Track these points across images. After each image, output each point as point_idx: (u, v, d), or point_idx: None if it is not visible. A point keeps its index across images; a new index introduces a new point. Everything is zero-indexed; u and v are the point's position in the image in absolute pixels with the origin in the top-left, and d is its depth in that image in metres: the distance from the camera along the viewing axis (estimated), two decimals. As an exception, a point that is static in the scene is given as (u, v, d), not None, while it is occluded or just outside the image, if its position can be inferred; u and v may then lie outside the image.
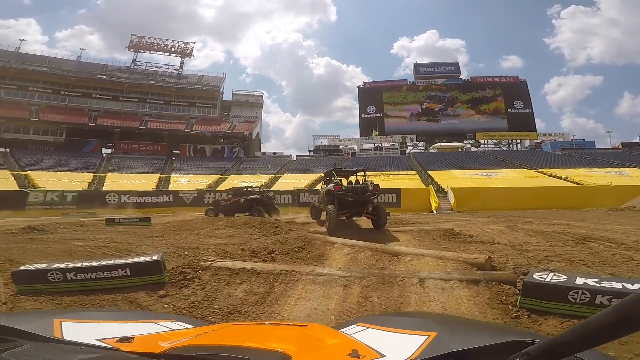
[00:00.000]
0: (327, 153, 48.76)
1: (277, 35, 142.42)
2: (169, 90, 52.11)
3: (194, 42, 60.01)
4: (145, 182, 29.24)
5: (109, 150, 45.95)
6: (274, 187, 26.84)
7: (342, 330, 1.19)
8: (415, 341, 0.89)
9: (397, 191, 21.50)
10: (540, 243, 6.82)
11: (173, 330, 1.27)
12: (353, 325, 1.21)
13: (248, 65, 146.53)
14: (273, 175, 32.06)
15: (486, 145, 51.37)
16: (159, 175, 34.09)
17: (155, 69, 55.93)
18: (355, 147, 51.40)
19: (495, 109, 52.90)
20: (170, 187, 28.58)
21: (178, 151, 47.36)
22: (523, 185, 22.10)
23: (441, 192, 22.31)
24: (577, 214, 16.14)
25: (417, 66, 58.01)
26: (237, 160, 43.64)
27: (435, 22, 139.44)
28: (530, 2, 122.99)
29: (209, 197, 24.33)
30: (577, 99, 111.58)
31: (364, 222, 9.91)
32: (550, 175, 26.72)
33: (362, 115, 55.02)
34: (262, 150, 53.32)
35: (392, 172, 31.29)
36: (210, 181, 30.36)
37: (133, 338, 0.99)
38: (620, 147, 43.37)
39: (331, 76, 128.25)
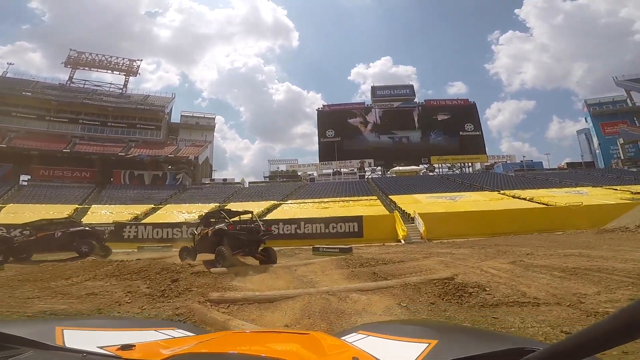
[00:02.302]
0: (284, 179, 45.11)
1: (236, 59, 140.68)
2: (106, 109, 46.60)
3: (141, 60, 54.60)
4: (57, 213, 23.36)
5: (28, 177, 39.12)
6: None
7: (344, 338, 1.17)
8: (416, 349, 0.87)
9: (358, 219, 18.19)
10: (600, 293, 4.65)
11: (174, 338, 1.24)
12: (354, 333, 1.19)
13: (204, 89, 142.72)
14: (217, 204, 27.49)
15: (440, 169, 50.92)
16: (76, 205, 28.12)
17: (95, 87, 50.51)
18: (315, 173, 48.40)
19: (448, 131, 53.43)
20: (85, 220, 22.93)
21: (112, 178, 41.36)
22: (494, 208, 19.87)
23: (407, 218, 19.33)
24: (568, 237, 13.94)
25: (374, 89, 58.56)
26: (180, 188, 38.37)
27: (390, 49, 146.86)
28: (473, 29, 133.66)
29: (129, 231, 19.44)
30: (513, 123, 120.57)
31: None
32: (514, 197, 25.06)
33: (322, 140, 53.71)
34: (216, 177, 48.67)
35: (351, 198, 28.22)
36: (140, 212, 25.15)
37: (134, 346, 0.96)
38: (566, 167, 44.33)
39: (291, 102, 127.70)
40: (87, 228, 13.22)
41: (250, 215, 10.15)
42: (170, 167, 44.48)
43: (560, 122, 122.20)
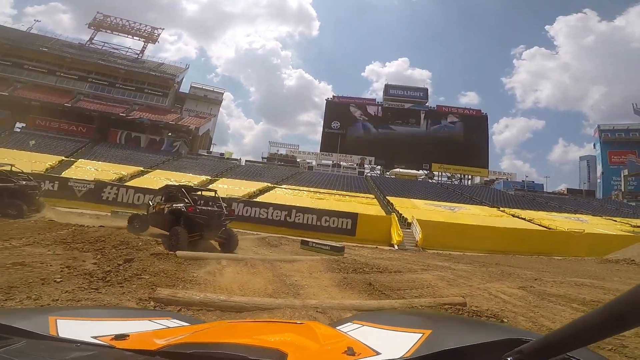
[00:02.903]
0: (282, 163, 43.81)
1: (255, 40, 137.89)
2: (117, 71, 45.10)
3: (162, 29, 53.45)
4: (39, 163, 21.98)
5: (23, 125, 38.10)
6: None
7: (338, 327, 1.17)
8: (410, 339, 0.87)
9: (352, 216, 17.09)
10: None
11: (169, 327, 1.22)
12: (349, 323, 1.19)
13: (219, 65, 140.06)
14: (209, 178, 26.24)
15: (440, 177, 49.80)
16: (62, 157, 26.69)
17: (112, 50, 49.33)
18: (314, 162, 47.16)
19: (453, 139, 52.08)
20: (67, 174, 21.56)
21: (108, 137, 39.68)
22: (494, 224, 18.88)
23: (403, 222, 18.26)
24: (570, 264, 13.19)
25: (387, 87, 56.90)
26: (175, 156, 36.98)
27: (408, 50, 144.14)
28: (498, 40, 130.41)
29: (109, 192, 18.19)
30: (518, 141, 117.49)
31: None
32: (513, 216, 24.12)
33: (326, 130, 52.64)
34: (215, 151, 47.13)
35: (348, 193, 27.08)
36: (126, 173, 23.81)
37: (128, 335, 0.95)
38: (566, 192, 43.49)
39: (302, 89, 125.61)
40: (17, 184, 10.68)
41: (214, 194, 9.57)
42: (170, 134, 43.21)
43: (565, 146, 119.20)
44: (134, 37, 50.38)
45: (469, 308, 5.12)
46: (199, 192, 10.05)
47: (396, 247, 15.19)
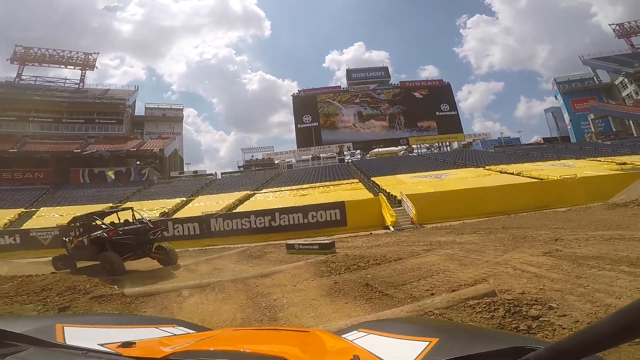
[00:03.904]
0: (260, 168, 42.06)
1: (205, 50, 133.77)
2: (59, 105, 41.87)
3: (97, 53, 50.13)
4: (-3, 220, 19.81)
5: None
6: (179, 214, 19.35)
7: (344, 336, 1.14)
8: (416, 347, 0.85)
9: (340, 205, 15.71)
10: None
11: (174, 335, 1.21)
12: (355, 331, 1.16)
13: (173, 82, 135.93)
14: (184, 199, 24.34)
15: (419, 150, 49.35)
16: (22, 209, 24.26)
17: (48, 84, 45.59)
18: (293, 160, 45.62)
19: (424, 112, 52.00)
20: (29, 225, 19.50)
21: (70, 178, 36.92)
22: (485, 184, 17.87)
23: (392, 201, 17.05)
24: (579, 214, 12.16)
25: (349, 72, 56.67)
26: (146, 184, 34.67)
27: (362, 35, 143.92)
28: (442, 13, 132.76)
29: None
30: (484, 104, 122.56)
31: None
32: (501, 172, 23.32)
33: (299, 126, 51.47)
34: (190, 170, 44.77)
35: (332, 182, 25.70)
36: None
37: (135, 343, 0.94)
38: (543, 142, 43.51)
39: (266, 91, 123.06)
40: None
41: (131, 211, 9.07)
42: (138, 162, 40.80)
43: (527, 102, 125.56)
44: (68, 67, 47.09)
45: (501, 297, 3.85)
46: (114, 214, 9.49)
47: (392, 228, 13.94)
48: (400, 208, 15.75)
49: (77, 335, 0.99)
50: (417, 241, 9.32)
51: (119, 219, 9.00)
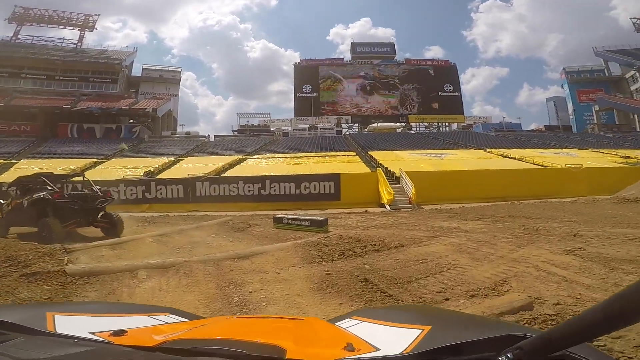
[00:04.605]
0: (254, 133, 40.46)
1: (209, 17, 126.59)
2: (53, 63, 39.94)
3: (98, 14, 46.71)
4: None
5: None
6: (166, 174, 18.10)
7: (337, 323, 1.13)
8: (409, 335, 0.84)
9: (334, 178, 14.68)
10: None
11: (167, 323, 1.18)
12: (348, 319, 1.15)
13: (174, 46, 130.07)
14: (172, 159, 22.98)
15: (418, 128, 48.03)
16: (0, 160, 22.77)
17: (44, 43, 43.66)
18: (289, 128, 44.02)
19: (427, 91, 50.22)
20: (4, 178, 18.15)
21: (58, 132, 35.41)
22: (487, 167, 16.90)
23: (390, 178, 16.05)
24: (587, 207, 11.39)
25: (354, 45, 53.70)
26: (135, 141, 33.03)
27: (369, 10, 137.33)
28: None
29: None
30: (486, 88, 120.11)
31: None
32: (503, 156, 22.36)
33: (298, 95, 49.55)
34: (182, 131, 43.00)
35: (328, 153, 24.50)
36: (76, 167, 20.33)
37: (127, 331, 0.92)
38: (544, 129, 42.41)
39: (268, 60, 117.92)
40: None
41: (81, 178, 8.79)
42: (131, 120, 39.12)
43: (530, 90, 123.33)
44: (67, 27, 45.09)
45: (541, 313, 3.01)
46: (64, 180, 9.13)
47: (388, 207, 13.04)
48: (398, 185, 14.78)
49: (68, 324, 0.96)
50: (418, 225, 8.40)
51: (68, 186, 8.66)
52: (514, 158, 21.58)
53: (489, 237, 6.82)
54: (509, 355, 0.57)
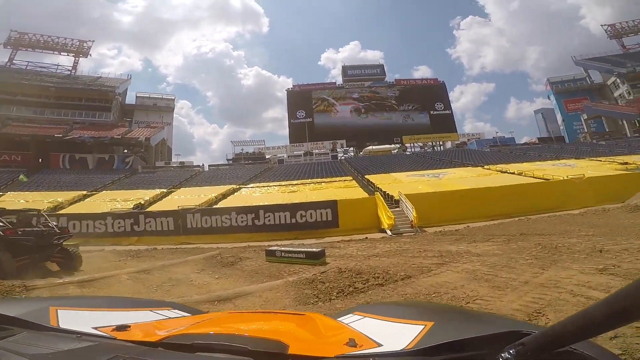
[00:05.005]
0: (250, 161, 40.06)
1: (203, 44, 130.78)
2: (47, 90, 39.79)
3: (92, 41, 46.99)
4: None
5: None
6: (157, 206, 17.36)
7: (340, 319, 1.12)
8: (412, 330, 0.83)
9: (332, 204, 14.01)
10: None
11: (170, 318, 1.18)
12: (350, 314, 1.15)
13: (169, 74, 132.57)
14: (164, 190, 22.30)
15: (412, 149, 47.96)
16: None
17: (39, 69, 43.82)
18: (285, 155, 43.74)
19: (418, 111, 51.15)
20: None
21: (50, 162, 34.61)
22: (488, 184, 16.36)
23: (390, 201, 15.39)
24: (600, 218, 10.94)
25: (345, 68, 54.97)
26: (129, 172, 32.42)
27: (358, 34, 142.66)
28: (437, 14, 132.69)
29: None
30: (475, 105, 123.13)
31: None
32: (502, 172, 21.89)
33: (292, 121, 49.95)
34: (176, 161, 42.54)
35: (324, 179, 23.92)
36: (64, 200, 19.56)
37: (129, 326, 0.93)
38: (538, 142, 42.44)
39: (261, 87, 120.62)
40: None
41: (36, 212, 8.63)
42: (126, 150, 38.67)
43: (517, 103, 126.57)
44: (62, 53, 45.45)
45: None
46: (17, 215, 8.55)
47: (389, 232, 12.30)
48: (398, 209, 14.11)
49: (71, 319, 0.96)
50: (424, 250, 7.68)
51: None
52: (513, 173, 21.11)
53: (506, 260, 6.14)
54: (511, 351, 0.56)
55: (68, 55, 45.62)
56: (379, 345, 0.79)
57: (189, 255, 9.14)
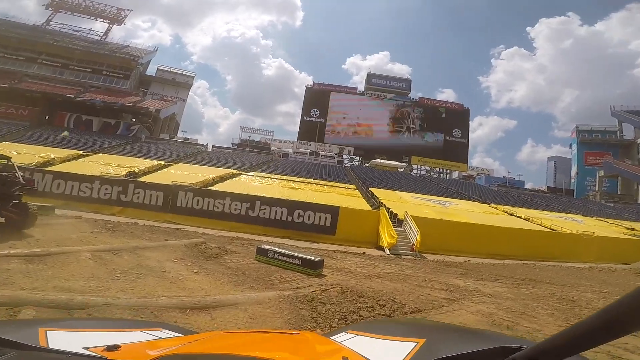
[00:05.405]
0: (254, 149, 39.25)
1: (235, 28, 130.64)
2: (71, 52, 39.49)
3: (130, 10, 47.25)
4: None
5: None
6: (149, 177, 16.48)
7: (333, 337, 1.10)
8: (404, 348, 0.83)
9: (333, 210, 13.17)
10: None
11: (161, 338, 1.14)
12: (343, 333, 1.13)
13: (195, 52, 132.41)
14: (162, 163, 21.44)
15: (419, 171, 47.09)
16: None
17: (72, 32, 43.77)
18: (290, 150, 42.96)
19: (434, 133, 49.42)
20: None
21: (55, 120, 33.92)
22: (495, 223, 15.57)
23: (393, 220, 14.55)
24: (606, 276, 11.07)
25: (370, 76, 53.06)
26: (131, 140, 31.57)
27: (389, 44, 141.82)
28: (479, 39, 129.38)
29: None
30: (490, 140, 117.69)
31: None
32: (508, 214, 21.11)
33: (304, 118, 48.47)
34: (180, 136, 41.73)
35: (327, 182, 23.10)
36: (56, 157, 18.73)
37: (120, 346, 0.90)
38: (547, 191, 41.65)
39: (281, 79, 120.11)
40: None
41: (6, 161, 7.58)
42: (134, 119, 37.97)
43: (533, 146, 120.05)
44: (98, 19, 45.26)
45: None
46: None
47: (387, 251, 11.48)
48: (400, 229, 13.30)
49: (61, 339, 0.94)
50: (429, 280, 6.88)
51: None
52: (520, 217, 20.34)
53: (522, 307, 5.41)
54: None
55: (103, 21, 45.60)
56: None
57: (170, 238, 8.32)
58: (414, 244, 11.67)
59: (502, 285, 7.30)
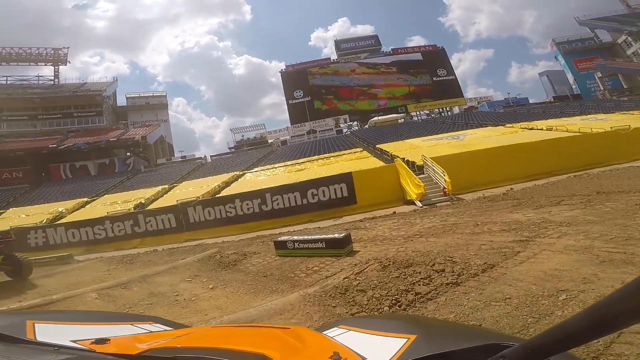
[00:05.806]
0: (251, 147, 38.19)
1: (186, 39, 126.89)
2: (32, 102, 38.44)
3: (67, 47, 44.60)
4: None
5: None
6: (157, 203, 15.66)
7: (324, 332, 1.09)
8: (395, 344, 0.83)
9: (346, 178, 12.08)
10: None
11: (151, 332, 1.14)
12: (335, 328, 1.12)
13: (158, 73, 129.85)
14: (165, 187, 20.52)
15: (419, 117, 45.44)
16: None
17: (20, 82, 42.00)
18: (287, 137, 41.71)
19: (421, 78, 48.30)
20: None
21: (51, 174, 33.22)
22: (523, 141, 14.13)
23: (411, 168, 13.34)
24: None
25: (338, 42, 52.09)
26: (131, 174, 30.76)
27: (345, 10, 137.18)
28: None
29: (35, 238, 13.45)
30: (475, 71, 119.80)
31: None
32: (528, 129, 19.60)
33: (290, 102, 47.57)
34: (177, 157, 40.96)
35: (332, 154, 21.93)
36: (65, 209, 18.06)
37: (109, 339, 0.90)
38: (553, 100, 39.47)
39: (254, 74, 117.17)
40: None
41: None
42: (128, 153, 37.20)
43: (519, 67, 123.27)
44: (39, 63, 43.46)
45: None
46: None
47: (419, 203, 10.36)
48: (423, 176, 12.15)
49: (49, 332, 0.93)
50: (483, 223, 5.78)
51: None
52: (542, 129, 18.81)
53: (618, 229, 4.23)
54: None
55: (46, 65, 43.77)
56: (364, 358, 0.78)
57: (189, 255, 7.47)
58: (444, 187, 10.53)
59: (571, 207, 6.09)
